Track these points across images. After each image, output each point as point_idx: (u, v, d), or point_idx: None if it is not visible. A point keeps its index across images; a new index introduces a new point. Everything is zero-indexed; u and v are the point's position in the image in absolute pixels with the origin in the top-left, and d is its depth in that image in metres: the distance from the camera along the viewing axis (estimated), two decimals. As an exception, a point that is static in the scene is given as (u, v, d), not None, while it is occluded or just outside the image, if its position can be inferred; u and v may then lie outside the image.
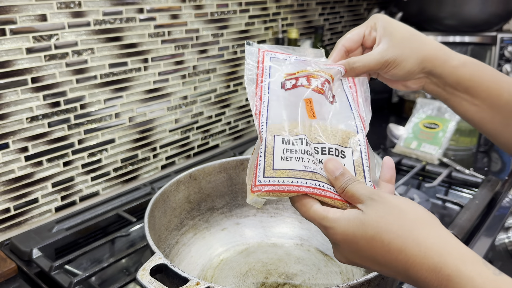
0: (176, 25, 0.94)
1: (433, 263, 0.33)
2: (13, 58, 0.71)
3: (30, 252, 0.67)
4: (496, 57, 1.39)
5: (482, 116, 0.51)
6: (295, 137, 0.44)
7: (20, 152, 0.75)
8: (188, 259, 0.65)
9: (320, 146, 0.45)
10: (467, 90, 0.51)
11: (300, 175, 0.42)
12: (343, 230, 0.39)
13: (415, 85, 0.53)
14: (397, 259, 0.35)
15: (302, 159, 0.42)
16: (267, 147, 0.43)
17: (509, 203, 0.84)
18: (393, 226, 0.36)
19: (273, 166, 0.42)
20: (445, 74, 0.51)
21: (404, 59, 0.51)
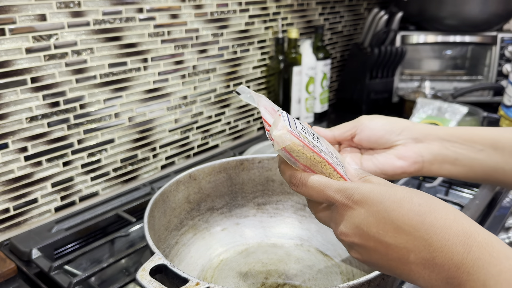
0: (175, 24, 0.94)
1: (463, 228, 0.32)
2: (13, 58, 0.71)
3: (29, 252, 0.67)
4: (496, 57, 1.39)
5: (495, 160, 0.49)
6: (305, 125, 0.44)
7: (20, 152, 0.75)
8: (188, 259, 0.65)
9: (329, 149, 0.45)
10: (462, 138, 0.50)
11: (318, 148, 0.41)
12: (367, 190, 0.37)
13: (408, 152, 0.51)
14: (424, 222, 0.33)
15: (317, 141, 0.42)
16: (287, 115, 0.43)
17: (509, 203, 0.83)
18: (423, 194, 0.35)
19: (296, 127, 0.41)
20: (436, 133, 0.51)
21: (374, 118, 0.52)
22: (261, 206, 0.73)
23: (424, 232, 0.33)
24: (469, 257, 0.30)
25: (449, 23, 1.37)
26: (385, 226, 0.35)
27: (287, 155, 0.41)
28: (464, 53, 1.45)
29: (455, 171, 0.51)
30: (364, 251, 0.37)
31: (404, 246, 0.34)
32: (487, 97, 1.41)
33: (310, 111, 1.30)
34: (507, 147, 0.49)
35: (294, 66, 1.19)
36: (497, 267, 0.29)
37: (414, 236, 0.33)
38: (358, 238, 0.37)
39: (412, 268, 0.34)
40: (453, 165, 0.51)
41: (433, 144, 0.51)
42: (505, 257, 0.30)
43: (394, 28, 1.36)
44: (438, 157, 0.51)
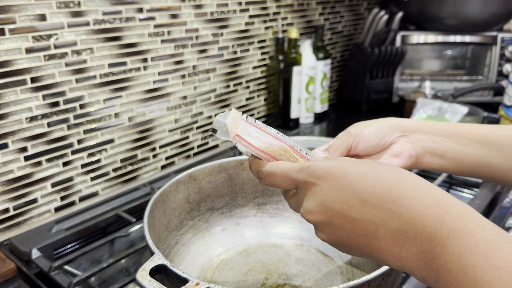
0: (175, 24, 0.94)
1: (435, 198, 0.30)
2: (12, 58, 0.71)
3: (29, 253, 0.67)
4: (496, 57, 1.39)
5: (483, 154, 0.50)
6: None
7: (20, 152, 0.75)
8: (188, 259, 0.65)
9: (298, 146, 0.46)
10: (447, 132, 0.51)
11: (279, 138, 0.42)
12: (330, 164, 0.35)
13: (402, 149, 0.52)
14: (392, 193, 0.31)
15: (280, 135, 0.43)
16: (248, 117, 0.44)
17: (509, 204, 0.83)
18: (389, 166, 0.33)
19: (255, 121, 0.42)
20: (417, 126, 0.52)
21: (367, 123, 0.52)
22: (261, 206, 0.73)
23: (393, 203, 0.30)
24: (443, 228, 0.28)
25: (449, 23, 1.37)
26: (349, 201, 0.32)
27: (244, 144, 0.40)
28: (464, 53, 1.45)
29: (444, 164, 0.52)
30: (330, 229, 0.35)
31: (371, 220, 0.31)
32: (487, 97, 1.41)
33: (310, 111, 1.29)
34: (494, 142, 0.50)
35: (294, 66, 1.19)
36: (474, 238, 0.27)
37: (382, 209, 0.31)
38: (323, 215, 0.34)
39: (381, 246, 0.31)
40: (442, 158, 0.51)
41: (422, 137, 0.52)
42: (481, 227, 0.28)
43: (394, 28, 1.36)
44: (428, 149, 0.52)
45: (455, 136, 0.51)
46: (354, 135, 0.52)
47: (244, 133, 0.40)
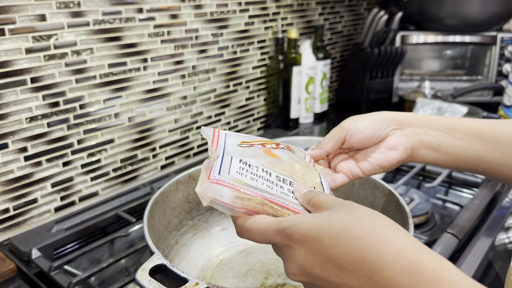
0: (175, 25, 0.94)
1: (408, 262, 0.30)
2: (12, 58, 0.71)
3: (29, 252, 0.67)
4: (496, 57, 1.39)
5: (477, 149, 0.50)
6: (252, 163, 0.43)
7: (20, 152, 0.75)
8: (188, 259, 0.65)
9: (282, 177, 0.43)
10: (442, 126, 0.51)
11: (255, 187, 0.40)
12: (304, 227, 0.35)
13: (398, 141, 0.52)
14: (365, 259, 0.31)
15: (256, 181, 0.41)
16: (224, 160, 0.42)
17: (509, 203, 0.84)
18: (363, 223, 0.33)
19: (229, 172, 0.40)
20: (412, 119, 0.52)
21: (360, 117, 0.53)
22: (260, 206, 0.73)
23: (367, 270, 0.31)
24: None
25: (449, 23, 1.37)
26: (327, 266, 0.33)
27: (221, 204, 0.39)
28: (464, 53, 1.45)
29: (439, 158, 0.52)
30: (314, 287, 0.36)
31: (350, 284, 0.32)
32: (487, 97, 1.41)
33: (310, 111, 1.30)
34: (489, 137, 0.50)
35: (294, 66, 1.19)
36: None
37: (358, 275, 0.32)
38: (305, 278, 0.35)
39: None
40: (437, 152, 0.52)
41: (417, 130, 0.52)
42: (460, 278, 0.29)
43: (394, 28, 1.36)
44: (423, 143, 0.52)
45: (449, 130, 0.51)
46: (347, 128, 0.53)
47: (217, 195, 0.38)
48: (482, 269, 0.68)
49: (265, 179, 0.42)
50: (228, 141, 0.47)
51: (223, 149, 0.45)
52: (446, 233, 0.71)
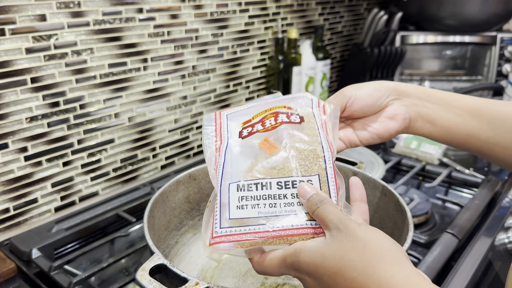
0: (175, 25, 0.94)
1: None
2: (13, 58, 0.71)
3: (29, 252, 0.67)
4: (496, 57, 1.39)
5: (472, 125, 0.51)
6: (250, 182, 0.43)
7: (20, 152, 0.75)
8: (188, 259, 0.65)
9: (283, 181, 0.43)
10: (442, 100, 0.52)
11: (256, 222, 0.41)
12: (307, 263, 0.38)
13: (396, 111, 0.53)
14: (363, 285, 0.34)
15: (258, 206, 0.42)
16: (223, 198, 0.43)
17: (509, 203, 0.84)
18: (356, 263, 0.35)
19: (229, 216, 0.42)
20: (411, 90, 0.53)
21: (361, 86, 0.53)
22: (260, 206, 0.73)
23: None
24: None
25: (449, 23, 1.37)
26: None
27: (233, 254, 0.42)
28: (464, 53, 1.45)
29: (434, 131, 0.53)
30: None
31: None
32: (486, 97, 1.41)
33: (310, 111, 1.29)
34: (486, 115, 0.51)
35: (294, 66, 1.19)
36: None
37: None
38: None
39: None
40: (433, 125, 0.53)
41: (416, 102, 0.53)
42: None
43: (394, 28, 1.36)
44: (421, 114, 0.53)
45: (447, 105, 0.52)
46: (349, 95, 0.52)
47: (225, 252, 0.41)
48: (482, 269, 0.68)
49: (266, 197, 0.43)
50: (231, 127, 0.49)
51: (224, 153, 0.46)
52: (446, 233, 0.71)
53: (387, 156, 1.05)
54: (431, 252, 0.66)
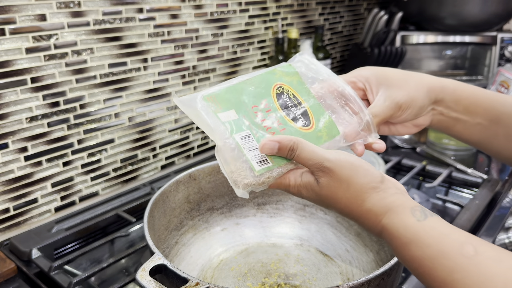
0: (175, 25, 0.94)
1: (375, 218, 0.40)
2: (13, 58, 0.71)
3: (29, 252, 0.67)
4: (496, 57, 1.39)
5: (486, 134, 0.52)
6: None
7: (20, 152, 0.75)
8: (188, 259, 0.65)
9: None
10: (467, 109, 0.52)
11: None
12: (306, 195, 0.44)
13: (425, 121, 0.53)
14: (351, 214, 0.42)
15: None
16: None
17: (509, 203, 0.84)
18: (342, 199, 0.41)
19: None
20: (446, 98, 0.52)
21: (414, 96, 0.51)
22: (261, 206, 0.73)
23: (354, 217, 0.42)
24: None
25: (449, 23, 1.37)
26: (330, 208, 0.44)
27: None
28: (464, 53, 1.45)
29: (443, 131, 0.55)
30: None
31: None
32: (487, 97, 1.41)
33: (310, 111, 1.29)
34: (503, 124, 0.51)
35: (294, 66, 1.19)
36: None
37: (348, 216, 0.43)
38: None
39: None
40: (446, 129, 0.54)
41: (443, 110, 0.53)
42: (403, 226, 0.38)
43: (394, 28, 1.36)
44: (442, 122, 0.53)
45: (471, 113, 0.52)
46: (401, 108, 0.50)
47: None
48: (482, 269, 0.67)
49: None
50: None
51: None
52: (446, 233, 0.71)
53: (387, 156, 1.05)
54: (431, 252, 0.66)
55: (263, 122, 0.45)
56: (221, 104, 0.45)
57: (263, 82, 0.48)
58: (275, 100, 0.47)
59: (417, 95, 0.51)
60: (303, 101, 0.48)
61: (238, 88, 0.47)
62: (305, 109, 0.47)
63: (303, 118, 0.47)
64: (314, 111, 0.47)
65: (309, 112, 0.47)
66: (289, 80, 0.49)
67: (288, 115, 0.46)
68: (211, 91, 0.46)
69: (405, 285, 0.59)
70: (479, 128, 0.52)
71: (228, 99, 0.46)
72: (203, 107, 0.44)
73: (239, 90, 0.47)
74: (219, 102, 0.45)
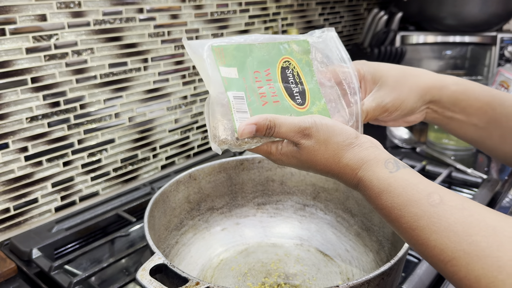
0: (176, 25, 0.94)
1: (352, 172, 0.42)
2: (13, 58, 0.71)
3: (29, 252, 0.67)
4: (496, 57, 1.39)
5: (481, 134, 0.52)
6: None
7: (20, 152, 0.75)
8: (188, 259, 0.65)
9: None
10: (464, 110, 0.52)
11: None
12: (286, 162, 0.45)
13: (417, 119, 0.54)
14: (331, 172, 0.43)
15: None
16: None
17: (509, 203, 0.84)
18: (321, 160, 0.43)
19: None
20: (443, 99, 0.52)
21: (404, 100, 0.51)
22: (261, 206, 0.73)
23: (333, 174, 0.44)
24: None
25: (449, 23, 1.37)
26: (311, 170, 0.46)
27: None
28: (464, 53, 1.45)
29: (437, 126, 0.56)
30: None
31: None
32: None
33: (310, 111, 1.29)
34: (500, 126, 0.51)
35: (294, 66, 1.19)
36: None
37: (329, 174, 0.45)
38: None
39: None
40: (440, 125, 0.55)
41: (439, 109, 0.53)
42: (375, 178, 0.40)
43: (394, 28, 1.36)
44: (435, 121, 0.54)
45: (468, 115, 0.52)
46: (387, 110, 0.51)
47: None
48: (482, 269, 0.67)
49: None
50: None
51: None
52: (446, 233, 0.71)
53: (387, 156, 1.05)
54: (431, 252, 0.66)
55: (260, 89, 0.45)
56: (226, 59, 0.45)
57: (274, 50, 0.48)
58: (278, 72, 0.47)
59: (408, 98, 0.51)
60: (305, 82, 0.48)
61: (247, 48, 0.47)
62: (304, 88, 0.48)
63: (299, 97, 0.47)
64: (312, 94, 0.48)
65: (307, 93, 0.48)
66: (299, 58, 0.49)
67: (286, 89, 0.47)
68: (221, 42, 0.46)
69: (405, 285, 0.59)
70: (474, 129, 0.52)
71: (234, 56, 0.46)
72: (209, 56, 0.44)
73: (248, 51, 0.47)
74: (224, 56, 0.45)
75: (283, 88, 0.46)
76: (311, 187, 0.73)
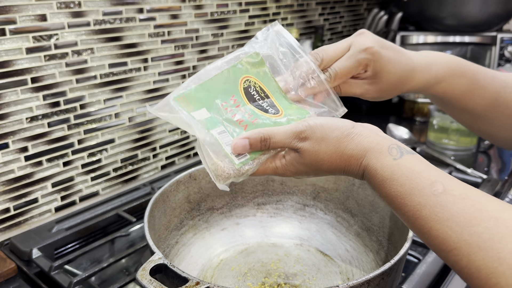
0: (176, 25, 0.94)
1: (356, 162, 0.42)
2: (13, 58, 0.71)
3: (29, 252, 0.67)
4: (496, 57, 1.39)
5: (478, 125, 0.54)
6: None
7: (20, 152, 0.75)
8: (188, 259, 0.65)
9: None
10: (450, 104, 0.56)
11: None
12: (294, 171, 0.46)
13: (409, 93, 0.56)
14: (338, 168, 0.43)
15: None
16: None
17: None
18: (325, 158, 0.43)
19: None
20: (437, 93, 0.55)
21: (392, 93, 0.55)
22: (261, 206, 0.73)
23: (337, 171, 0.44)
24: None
25: (449, 23, 1.37)
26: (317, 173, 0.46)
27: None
28: (464, 54, 1.45)
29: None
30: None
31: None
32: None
33: (310, 111, 1.30)
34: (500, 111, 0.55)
35: (294, 66, 1.19)
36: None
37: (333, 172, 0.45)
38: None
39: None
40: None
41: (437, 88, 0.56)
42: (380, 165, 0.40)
43: (394, 28, 1.36)
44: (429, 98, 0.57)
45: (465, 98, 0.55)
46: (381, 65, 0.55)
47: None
48: (482, 269, 0.67)
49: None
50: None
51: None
52: (446, 233, 0.71)
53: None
54: (431, 252, 0.66)
55: (235, 116, 0.46)
56: (192, 104, 0.46)
57: (231, 76, 0.49)
58: (243, 95, 0.48)
59: (395, 93, 0.54)
60: (269, 93, 0.49)
61: (206, 86, 0.48)
62: (271, 100, 0.49)
63: (271, 109, 0.48)
64: (281, 102, 0.49)
65: (275, 103, 0.49)
66: (256, 72, 0.50)
67: (257, 107, 0.47)
68: (180, 91, 0.47)
69: (405, 285, 0.59)
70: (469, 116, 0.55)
71: (198, 98, 0.46)
72: (178, 108, 0.45)
73: (208, 88, 0.47)
74: (190, 102, 0.46)
75: (253, 108, 0.47)
76: (311, 187, 0.73)
